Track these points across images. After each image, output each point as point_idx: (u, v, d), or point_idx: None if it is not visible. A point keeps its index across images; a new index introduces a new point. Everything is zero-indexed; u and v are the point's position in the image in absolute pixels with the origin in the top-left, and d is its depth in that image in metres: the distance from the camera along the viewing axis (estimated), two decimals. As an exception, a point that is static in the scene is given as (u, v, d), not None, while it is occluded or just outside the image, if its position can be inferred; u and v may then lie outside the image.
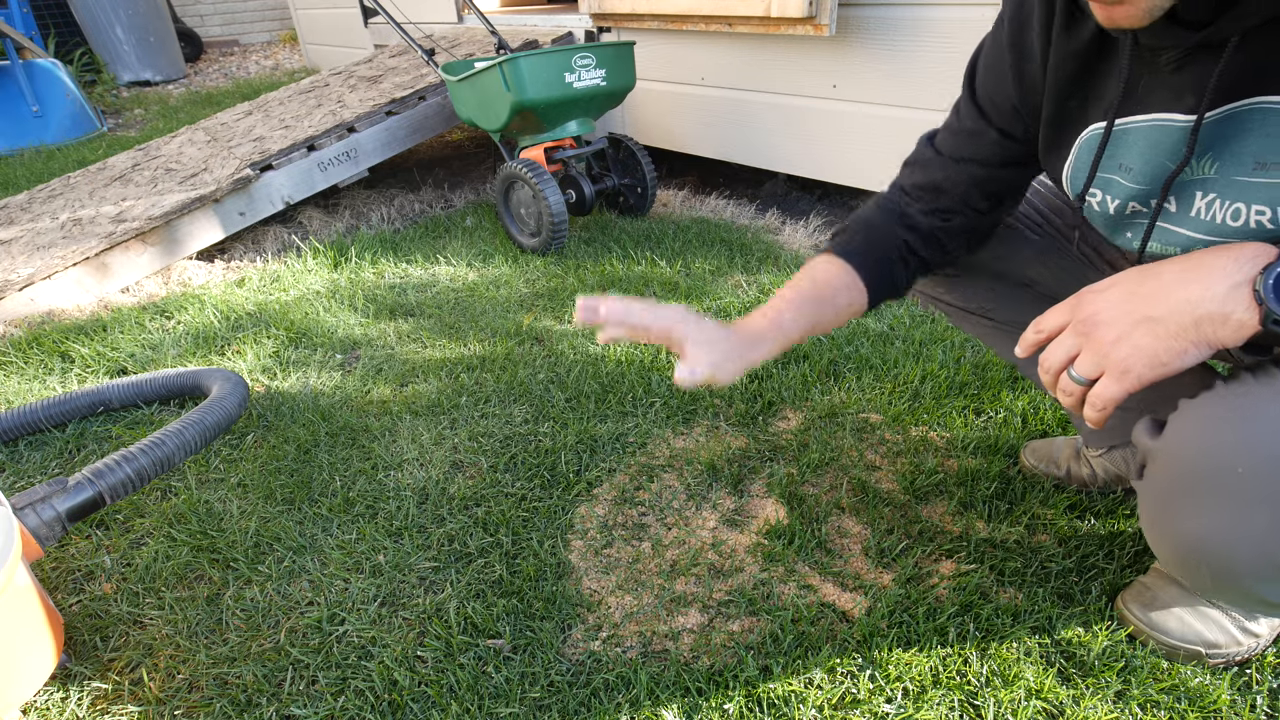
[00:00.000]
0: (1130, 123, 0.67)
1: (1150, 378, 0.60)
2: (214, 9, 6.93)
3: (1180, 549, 0.68)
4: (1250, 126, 0.59)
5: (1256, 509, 0.60)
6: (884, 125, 2.15)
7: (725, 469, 1.26)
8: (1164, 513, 0.69)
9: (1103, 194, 0.72)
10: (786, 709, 0.85)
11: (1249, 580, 0.65)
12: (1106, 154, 0.70)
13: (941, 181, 0.86)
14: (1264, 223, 0.60)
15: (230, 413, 1.29)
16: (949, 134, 0.87)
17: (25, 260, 2.02)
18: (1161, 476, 0.68)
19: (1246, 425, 0.60)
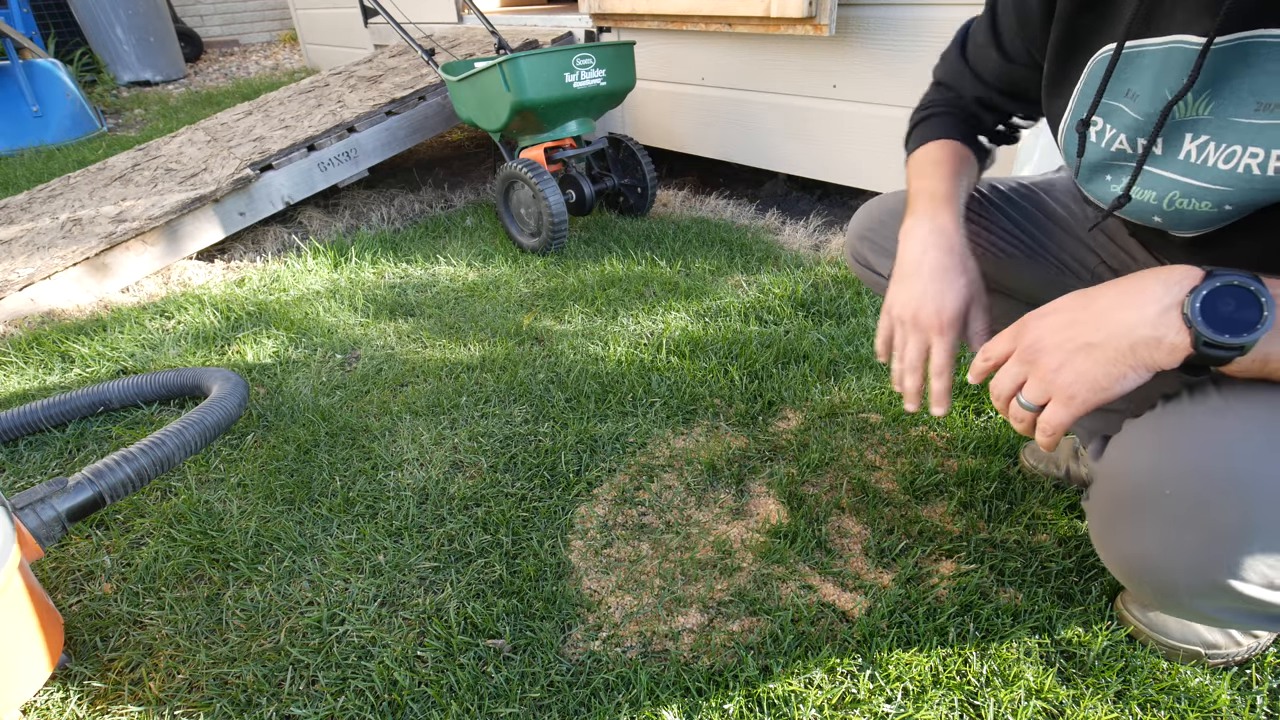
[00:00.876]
0: (1148, 44, 0.61)
1: (1095, 401, 0.61)
2: (214, 9, 6.93)
3: (1123, 568, 0.70)
4: (1254, 62, 0.55)
5: (1186, 530, 0.61)
6: (884, 125, 2.15)
7: (725, 469, 1.26)
8: (1106, 533, 0.70)
9: (1104, 123, 0.67)
10: (786, 709, 0.85)
11: (1187, 598, 0.66)
12: (1120, 78, 0.64)
13: (955, 82, 0.92)
14: (1254, 167, 0.57)
15: (230, 413, 1.29)
16: (972, 40, 0.89)
17: (25, 260, 2.02)
18: (1102, 498, 0.69)
19: (1174, 448, 0.61)
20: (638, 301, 1.90)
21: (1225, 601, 0.63)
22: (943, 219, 0.81)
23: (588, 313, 1.85)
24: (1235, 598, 0.62)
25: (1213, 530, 0.60)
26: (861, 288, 1.89)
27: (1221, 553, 0.60)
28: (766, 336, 1.67)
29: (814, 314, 1.79)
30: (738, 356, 1.59)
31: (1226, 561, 0.60)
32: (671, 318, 1.80)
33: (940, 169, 0.86)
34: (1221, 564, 0.60)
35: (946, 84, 0.94)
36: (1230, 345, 0.53)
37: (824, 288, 1.92)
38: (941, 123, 0.92)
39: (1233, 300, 0.54)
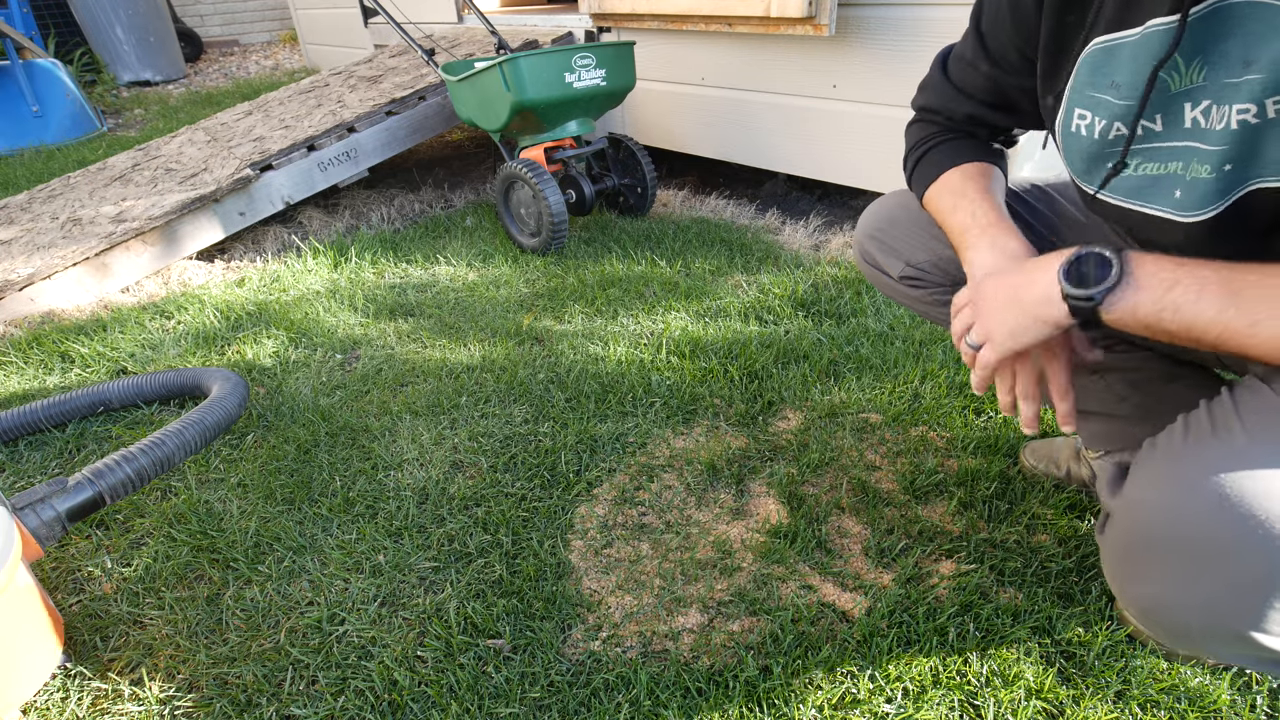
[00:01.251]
0: (1126, 36, 0.65)
1: (1011, 346, 0.72)
2: (214, 9, 6.93)
3: (1136, 607, 0.71)
4: (1236, 24, 0.58)
5: (1206, 576, 0.61)
6: (884, 125, 2.15)
7: (725, 469, 1.26)
8: (1120, 570, 0.71)
9: (1091, 115, 0.70)
10: (786, 709, 0.85)
11: (1202, 641, 0.66)
12: (1101, 71, 0.68)
13: (941, 105, 0.93)
14: (1248, 120, 0.59)
15: (230, 413, 1.29)
16: (956, 60, 0.90)
17: (25, 260, 2.02)
18: (1118, 533, 0.70)
19: (1193, 488, 0.61)
20: (638, 301, 1.90)
21: (1243, 650, 0.63)
22: (1008, 243, 0.79)
23: (588, 313, 1.85)
24: (1255, 648, 0.61)
25: (1236, 580, 0.59)
26: (862, 288, 1.89)
27: (1245, 604, 0.59)
28: (766, 336, 1.67)
29: (814, 314, 1.79)
30: (738, 356, 1.59)
31: (1250, 614, 0.59)
32: (671, 318, 1.80)
33: (975, 193, 0.85)
34: (1244, 615, 0.60)
35: (932, 109, 0.94)
36: (1081, 296, 0.63)
37: (824, 288, 1.92)
38: (949, 149, 0.92)
39: (1092, 262, 0.64)
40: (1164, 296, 0.60)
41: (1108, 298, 0.62)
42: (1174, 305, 0.60)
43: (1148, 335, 0.63)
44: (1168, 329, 0.61)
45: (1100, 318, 0.64)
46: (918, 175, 0.94)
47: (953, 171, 0.89)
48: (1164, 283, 0.60)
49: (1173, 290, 0.60)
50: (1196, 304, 0.59)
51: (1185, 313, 0.59)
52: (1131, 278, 0.62)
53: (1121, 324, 0.63)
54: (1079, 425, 1.10)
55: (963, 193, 0.86)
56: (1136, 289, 0.61)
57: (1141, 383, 0.98)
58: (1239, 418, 0.61)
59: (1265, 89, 0.57)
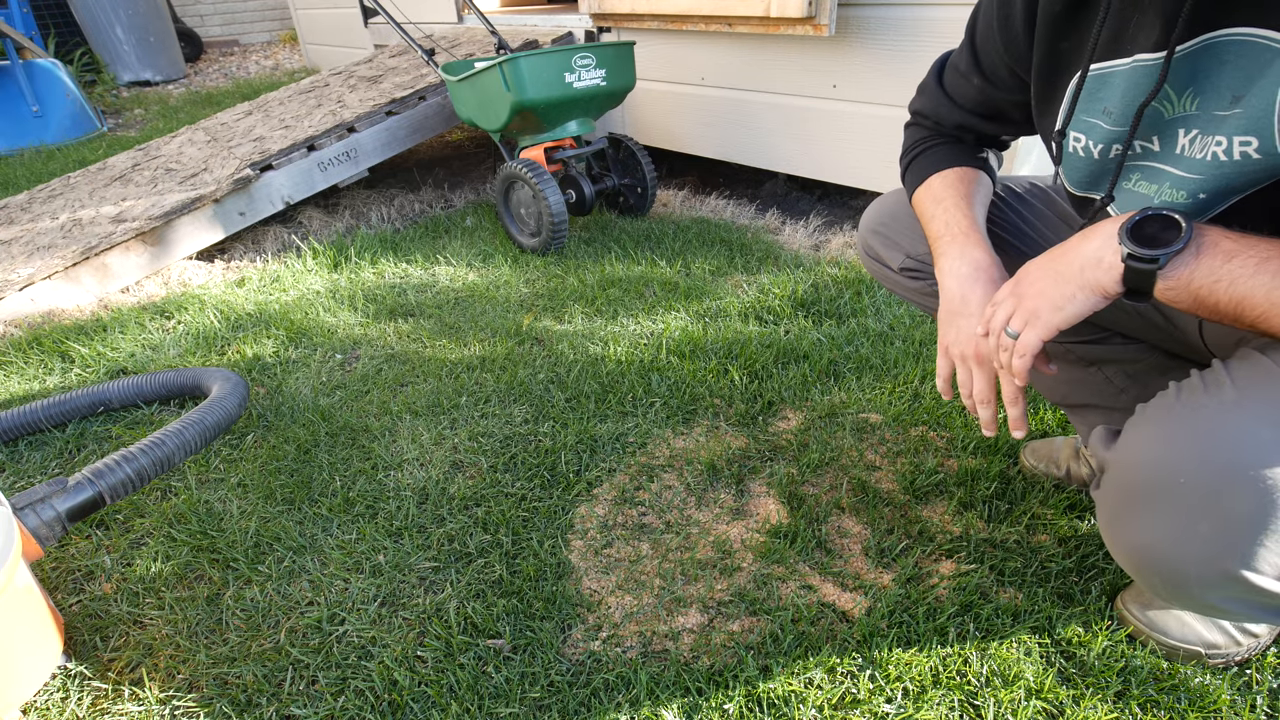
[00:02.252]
0: (1116, 65, 0.68)
1: (1055, 322, 0.68)
2: (214, 9, 6.93)
3: (1132, 558, 0.70)
4: (1225, 59, 0.60)
5: (1199, 519, 0.62)
6: (884, 125, 2.15)
7: (725, 469, 1.26)
8: (1116, 522, 0.71)
9: (1086, 138, 0.73)
10: (786, 709, 0.85)
11: (1198, 589, 0.66)
12: (1092, 98, 0.70)
13: (932, 112, 0.95)
14: (1250, 153, 0.61)
15: (230, 413, 1.29)
16: (951, 70, 0.92)
17: (25, 260, 2.02)
18: (1113, 487, 0.70)
19: (1189, 438, 0.62)
20: (638, 301, 1.90)
21: (1236, 592, 0.63)
22: (975, 253, 0.83)
23: (588, 313, 1.85)
24: (1247, 588, 0.62)
25: (1226, 520, 0.60)
26: (862, 288, 1.89)
27: (1235, 542, 0.60)
28: (766, 336, 1.67)
29: (814, 314, 1.79)
30: (738, 356, 1.59)
31: (1240, 551, 0.60)
32: (671, 318, 1.80)
33: (951, 201, 0.88)
34: (1235, 554, 0.60)
35: (924, 114, 0.97)
36: (1148, 257, 0.60)
37: (824, 288, 1.92)
38: (935, 154, 0.94)
39: (1158, 224, 0.62)
40: (1221, 267, 0.59)
41: (1172, 261, 0.60)
42: (1230, 277, 0.59)
43: (1191, 309, 0.62)
44: (1217, 302, 0.60)
45: (1154, 286, 0.62)
46: (908, 179, 0.97)
47: (935, 178, 0.91)
48: (1225, 253, 0.59)
49: (1231, 261, 0.59)
50: (1253, 278, 0.58)
51: (1240, 287, 0.58)
52: (1195, 243, 0.60)
53: (1172, 294, 0.62)
54: (1077, 421, 1.10)
55: (941, 200, 0.89)
56: (1197, 255, 0.60)
57: (1140, 375, 0.99)
58: (1230, 377, 0.62)
59: (1241, 128, 0.60)
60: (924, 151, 0.95)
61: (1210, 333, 0.82)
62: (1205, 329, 0.82)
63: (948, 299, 0.84)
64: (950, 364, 0.86)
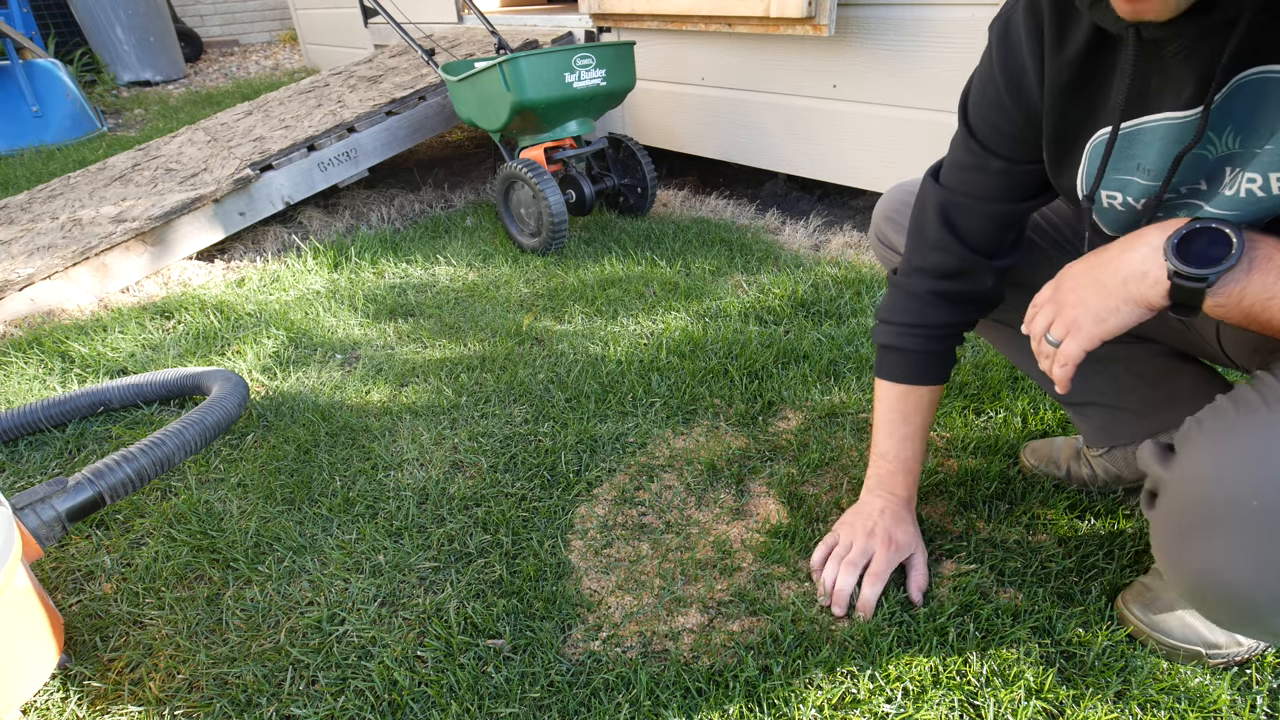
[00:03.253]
0: (1144, 123, 0.66)
1: (1098, 333, 0.67)
2: (214, 9, 6.93)
3: (1197, 583, 0.67)
4: (1266, 94, 0.58)
5: (1272, 543, 0.59)
6: (884, 125, 2.15)
7: (725, 469, 1.26)
8: (1178, 545, 0.67)
9: (1122, 195, 0.71)
10: (786, 709, 0.85)
11: (1267, 613, 0.63)
12: (1124, 155, 0.69)
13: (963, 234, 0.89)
14: (1255, 190, 0.60)
15: (230, 413, 1.29)
16: (959, 175, 0.87)
17: (25, 260, 2.02)
18: (1174, 507, 0.67)
19: (1259, 455, 0.59)
20: (638, 301, 1.90)
21: None
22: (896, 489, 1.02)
23: (588, 313, 1.85)
24: None
25: None
26: (862, 288, 1.89)
27: None
28: (766, 336, 1.67)
29: (814, 314, 1.79)
30: (738, 356, 1.58)
31: None
32: (671, 318, 1.80)
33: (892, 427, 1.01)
34: None
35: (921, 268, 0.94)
36: (1196, 276, 0.59)
37: (824, 288, 1.92)
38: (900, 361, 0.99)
39: (1206, 239, 0.59)
40: (1276, 284, 0.57)
41: (1222, 278, 0.58)
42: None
43: (1240, 323, 0.60)
44: (1270, 318, 0.58)
45: (1203, 302, 0.60)
46: (878, 359, 1.03)
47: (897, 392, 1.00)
48: (1279, 268, 0.57)
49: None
50: None
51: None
52: (1247, 259, 0.58)
53: (1222, 311, 0.60)
54: (1079, 419, 1.10)
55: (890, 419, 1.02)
56: (1249, 271, 0.58)
57: (1146, 374, 0.98)
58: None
59: (1275, 163, 0.58)
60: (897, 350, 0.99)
61: (1227, 335, 0.81)
62: (1222, 331, 0.82)
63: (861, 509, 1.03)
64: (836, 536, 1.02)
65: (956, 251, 0.89)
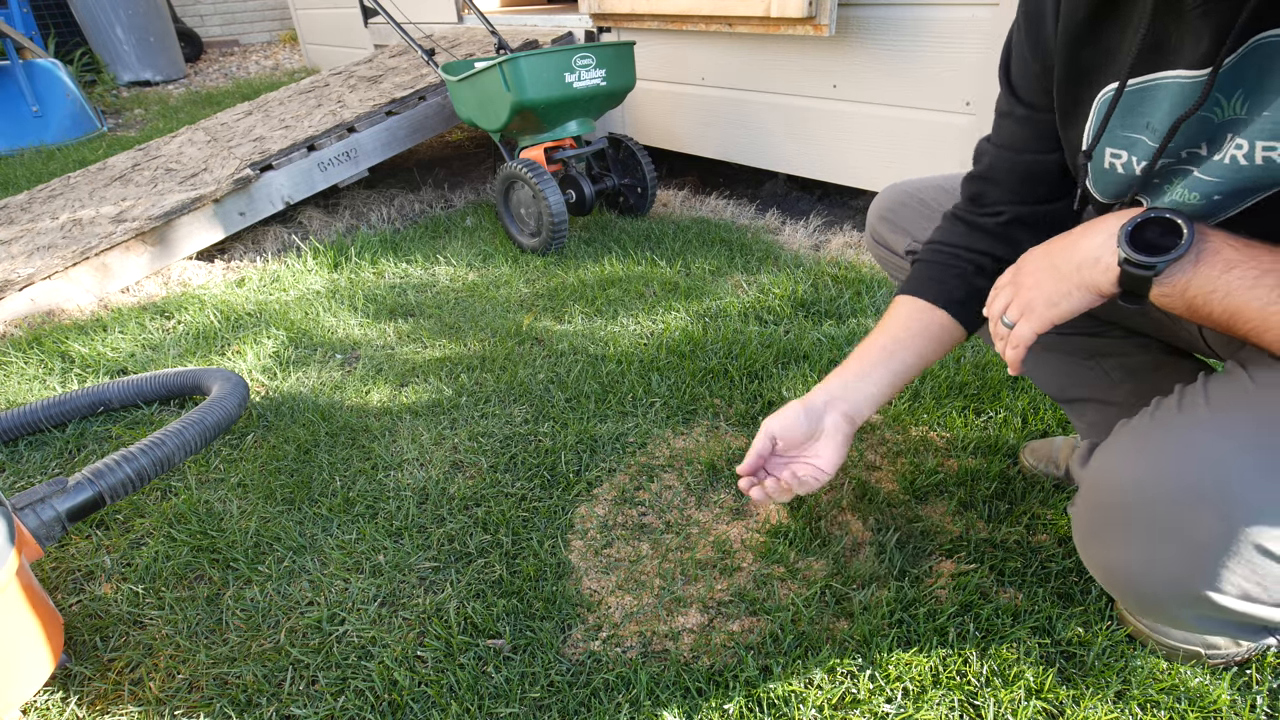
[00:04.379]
0: (1157, 79, 0.63)
1: (1050, 316, 0.67)
2: (214, 9, 6.93)
3: (1105, 577, 0.71)
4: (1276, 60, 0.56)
5: (1167, 541, 0.62)
6: (884, 125, 2.15)
7: (725, 469, 1.26)
8: (1089, 541, 0.71)
9: (1128, 154, 0.68)
10: (786, 709, 0.85)
11: (1170, 607, 0.66)
12: (1135, 112, 0.66)
13: (989, 170, 0.86)
14: (1275, 158, 0.58)
15: (230, 413, 1.29)
16: (995, 122, 0.87)
17: (25, 260, 2.02)
18: (1085, 506, 0.70)
19: (1157, 459, 0.62)
20: (638, 301, 1.90)
21: (1205, 611, 0.64)
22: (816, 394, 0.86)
23: (588, 313, 1.85)
24: (1213, 608, 0.62)
25: (1192, 542, 0.60)
26: (862, 288, 1.89)
27: (1200, 565, 0.60)
28: (766, 336, 1.67)
29: (814, 314, 1.79)
30: (738, 356, 1.59)
31: (1204, 574, 0.60)
32: (671, 318, 1.80)
33: (873, 342, 0.88)
34: (1199, 576, 0.61)
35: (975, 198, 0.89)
36: (1144, 264, 0.59)
37: (824, 288, 1.92)
38: (925, 275, 0.90)
39: (1159, 228, 0.60)
40: (1220, 277, 0.57)
41: (1169, 268, 0.58)
42: (1227, 288, 0.57)
43: (1185, 316, 0.61)
44: (1211, 312, 0.59)
45: (1150, 290, 0.60)
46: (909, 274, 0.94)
47: (906, 306, 0.89)
48: (1225, 262, 0.57)
49: (1230, 272, 0.57)
50: (1250, 291, 0.56)
51: (1235, 299, 0.57)
52: (1195, 251, 0.58)
53: (1167, 300, 0.60)
54: (1074, 417, 1.09)
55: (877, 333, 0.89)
56: (1195, 264, 0.58)
57: (1138, 369, 0.99)
58: (1205, 396, 0.62)
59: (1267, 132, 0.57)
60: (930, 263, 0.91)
61: (1209, 330, 0.82)
62: (1205, 326, 0.82)
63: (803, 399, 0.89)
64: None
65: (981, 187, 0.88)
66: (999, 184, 0.86)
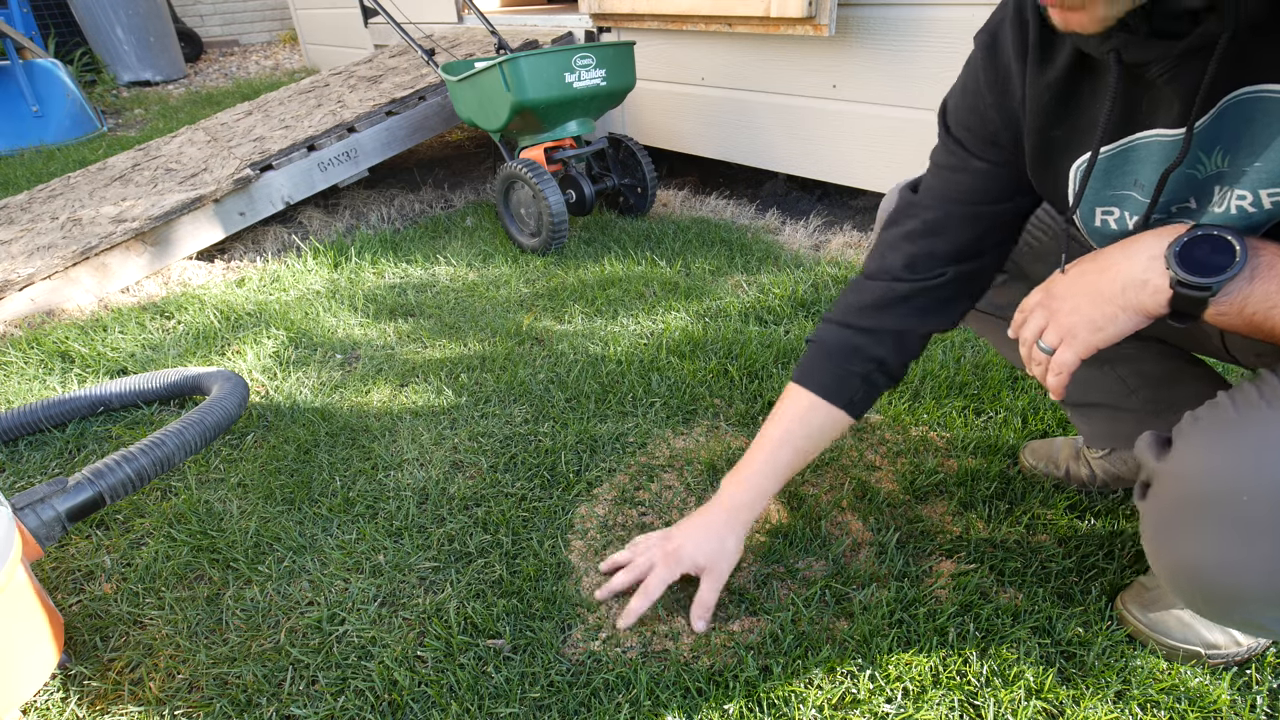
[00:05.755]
0: (1139, 139, 0.65)
1: (1095, 342, 0.66)
2: (214, 9, 6.93)
3: (1181, 574, 0.67)
4: (1253, 116, 0.58)
5: (1261, 537, 0.59)
6: (884, 125, 2.15)
7: (725, 469, 1.25)
8: (1166, 536, 0.68)
9: (1120, 210, 0.70)
10: (786, 709, 0.85)
11: (1255, 607, 0.64)
12: (1121, 171, 0.68)
13: (935, 228, 0.85)
14: (1246, 207, 0.60)
15: (230, 413, 1.29)
16: (932, 175, 0.86)
17: (25, 260, 2.02)
18: (1165, 498, 0.67)
19: (1253, 451, 0.59)
20: (638, 301, 1.90)
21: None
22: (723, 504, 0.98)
23: (588, 313, 1.85)
24: None
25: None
26: (861, 288, 1.89)
27: None
28: (766, 336, 1.67)
29: (814, 314, 1.79)
30: (738, 356, 1.59)
31: None
32: (671, 318, 1.80)
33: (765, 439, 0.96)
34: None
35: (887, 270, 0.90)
36: (1199, 285, 0.58)
37: (824, 288, 1.92)
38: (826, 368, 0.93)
39: (1208, 246, 0.59)
40: (1278, 292, 0.57)
41: (1225, 286, 0.58)
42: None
43: (1242, 331, 0.60)
44: (1274, 327, 0.58)
45: (1205, 311, 0.60)
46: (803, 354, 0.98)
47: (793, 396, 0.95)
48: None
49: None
50: None
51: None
52: (1250, 267, 0.58)
53: (1224, 319, 0.60)
54: (1079, 420, 1.10)
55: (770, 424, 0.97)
56: (1251, 280, 0.58)
57: (1151, 375, 0.98)
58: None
59: (1265, 180, 0.58)
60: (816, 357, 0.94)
61: (1231, 336, 0.81)
62: (1227, 333, 0.82)
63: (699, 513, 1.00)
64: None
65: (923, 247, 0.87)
66: (948, 240, 0.85)
